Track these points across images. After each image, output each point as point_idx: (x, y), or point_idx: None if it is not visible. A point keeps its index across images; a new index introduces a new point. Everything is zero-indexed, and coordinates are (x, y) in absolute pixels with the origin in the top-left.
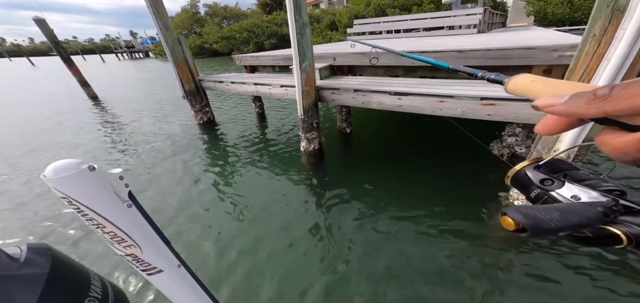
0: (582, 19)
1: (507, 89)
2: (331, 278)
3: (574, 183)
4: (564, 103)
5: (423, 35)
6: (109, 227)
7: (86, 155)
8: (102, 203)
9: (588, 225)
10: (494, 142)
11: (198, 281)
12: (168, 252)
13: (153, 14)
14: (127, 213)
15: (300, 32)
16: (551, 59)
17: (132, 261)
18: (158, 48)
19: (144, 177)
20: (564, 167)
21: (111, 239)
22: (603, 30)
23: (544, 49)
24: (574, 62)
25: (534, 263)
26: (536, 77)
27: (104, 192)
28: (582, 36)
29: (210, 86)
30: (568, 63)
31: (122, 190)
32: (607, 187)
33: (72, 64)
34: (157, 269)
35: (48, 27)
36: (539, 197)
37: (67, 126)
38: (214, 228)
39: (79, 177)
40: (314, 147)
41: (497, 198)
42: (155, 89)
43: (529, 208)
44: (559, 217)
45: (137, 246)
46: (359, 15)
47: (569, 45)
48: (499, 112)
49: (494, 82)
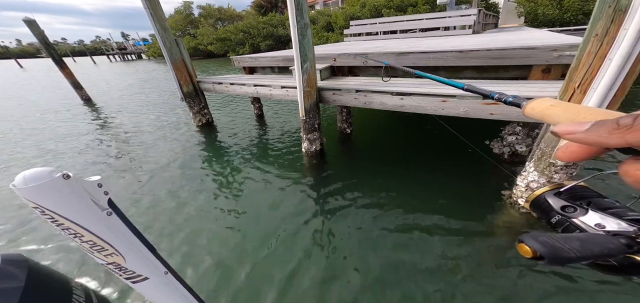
0: (570, 20)
1: (525, 112)
2: (335, 280)
3: (599, 211)
4: (586, 131)
5: (420, 36)
6: (87, 236)
7: (77, 161)
8: (79, 212)
9: (609, 256)
10: (494, 140)
11: (187, 287)
12: (154, 259)
13: (150, 15)
14: (107, 222)
15: (302, 33)
16: (551, 58)
17: (115, 269)
18: (151, 49)
19: (142, 181)
20: (587, 194)
21: (91, 248)
22: (605, 30)
23: (544, 49)
24: (576, 61)
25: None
26: (555, 101)
27: (80, 200)
28: (583, 36)
29: (209, 88)
30: (567, 62)
31: (101, 198)
32: (634, 217)
33: (64, 66)
34: (142, 277)
35: (38, 28)
36: (560, 224)
37: (59, 130)
38: (215, 232)
39: (51, 185)
40: (315, 148)
41: (499, 197)
42: (151, 90)
43: (547, 236)
44: (579, 247)
45: (119, 254)
46: (355, 17)
47: (567, 45)
48: (503, 112)
49: (512, 105)
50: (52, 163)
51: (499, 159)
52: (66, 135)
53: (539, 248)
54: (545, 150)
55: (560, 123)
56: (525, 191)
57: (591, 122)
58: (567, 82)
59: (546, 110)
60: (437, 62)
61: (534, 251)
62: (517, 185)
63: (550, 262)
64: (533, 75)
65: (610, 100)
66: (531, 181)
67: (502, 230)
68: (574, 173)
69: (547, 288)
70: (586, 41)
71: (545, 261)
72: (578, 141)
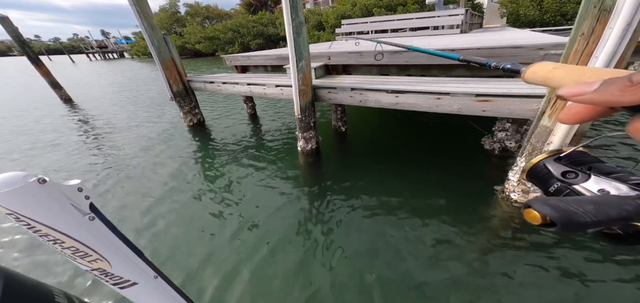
0: (550, 21)
1: (524, 77)
2: (331, 279)
3: (601, 176)
4: (595, 91)
5: (410, 35)
6: (69, 242)
7: (62, 168)
8: (58, 218)
9: (627, 219)
10: (485, 137)
11: (179, 291)
12: (142, 263)
13: (137, 13)
14: (89, 227)
15: (297, 31)
16: (537, 56)
17: (101, 275)
18: (134, 48)
19: (132, 184)
20: (587, 160)
21: (73, 255)
22: (591, 29)
23: (531, 48)
24: (563, 59)
25: (534, 260)
26: (557, 64)
27: (58, 206)
28: (570, 35)
29: (200, 87)
30: (553, 61)
31: (82, 203)
32: (637, 181)
33: (40, 64)
34: (130, 282)
35: (12, 25)
36: (560, 191)
37: (44, 135)
38: (212, 234)
39: (26, 191)
40: (311, 146)
41: (492, 192)
42: (138, 89)
43: (557, 199)
44: (593, 210)
45: (104, 260)
46: (346, 15)
47: (552, 44)
48: (494, 108)
49: (510, 72)
50: (36, 167)
51: (490, 155)
52: (52, 138)
53: (549, 213)
54: (536, 145)
55: (564, 85)
56: (517, 185)
57: (599, 81)
58: None
59: (549, 74)
60: (430, 60)
61: (544, 216)
62: (508, 180)
63: (563, 227)
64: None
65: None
66: None
67: (496, 224)
68: None
69: (541, 282)
70: (573, 40)
71: (558, 227)
72: (587, 102)
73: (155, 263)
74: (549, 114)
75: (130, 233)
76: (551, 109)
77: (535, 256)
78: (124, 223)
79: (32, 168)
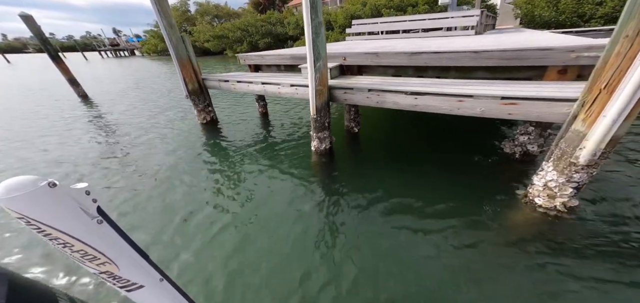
0: (566, 22)
1: None
2: (346, 281)
3: None
4: None
5: (423, 36)
6: (78, 246)
7: (76, 164)
8: (67, 222)
9: None
10: (506, 140)
11: (183, 294)
12: (148, 266)
13: (157, 11)
14: (97, 230)
15: (316, 32)
16: (568, 59)
17: (108, 278)
18: (145, 46)
19: (147, 180)
20: None
21: (82, 258)
22: (636, 31)
23: (561, 50)
24: (601, 62)
25: (556, 264)
26: None
27: (68, 209)
28: (611, 37)
29: (215, 85)
30: (585, 63)
31: (90, 206)
32: None
33: (60, 61)
34: (137, 285)
35: (35, 24)
36: None
37: (59, 131)
38: (228, 233)
39: (36, 195)
40: (325, 146)
41: (513, 196)
42: (151, 87)
43: None
44: None
45: (112, 263)
46: (355, 15)
47: (585, 46)
48: (521, 111)
49: None
50: (56, 168)
51: (510, 159)
52: (65, 136)
53: None
54: (566, 149)
55: None
56: (543, 190)
57: None
58: (591, 82)
59: None
60: (450, 62)
61: None
62: (533, 184)
63: None
64: (548, 75)
65: (638, 99)
66: (549, 180)
67: (519, 229)
68: (594, 173)
69: (571, 289)
70: (615, 42)
71: None
72: None
73: (164, 266)
74: (582, 118)
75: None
76: (585, 113)
77: (564, 261)
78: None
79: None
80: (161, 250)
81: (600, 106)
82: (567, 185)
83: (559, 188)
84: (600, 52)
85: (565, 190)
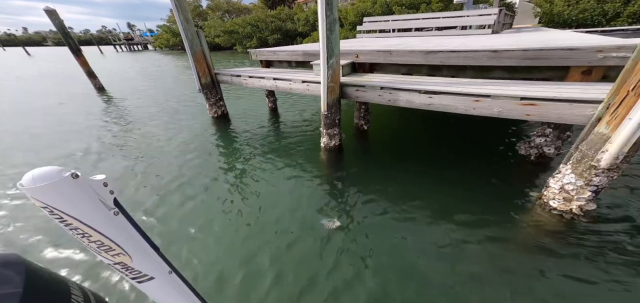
0: (587, 21)
1: None
2: (358, 282)
3: None
4: None
5: (437, 35)
6: (95, 236)
7: (90, 153)
8: (87, 212)
9: None
10: (521, 141)
11: (190, 287)
12: (158, 258)
13: (175, 5)
14: (114, 221)
15: (330, 29)
16: (594, 59)
17: (122, 269)
18: (158, 41)
19: (159, 172)
20: None
21: (98, 248)
22: None
23: (588, 50)
24: (631, 63)
25: (569, 269)
26: None
27: (88, 200)
28: None
29: (227, 80)
30: (613, 64)
31: (108, 198)
32: None
33: (80, 54)
34: (147, 277)
35: (58, 18)
36: None
37: (77, 121)
38: (235, 227)
39: (60, 185)
40: (334, 143)
41: (527, 198)
42: (163, 80)
43: None
44: None
45: (126, 254)
46: (366, 13)
47: (615, 46)
48: (541, 112)
49: None
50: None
51: (524, 161)
52: (81, 125)
53: None
54: (586, 152)
55: None
56: (559, 193)
57: None
58: (619, 83)
59: None
60: (467, 61)
61: None
62: (549, 186)
63: None
64: (571, 76)
65: None
66: (567, 183)
67: (534, 231)
68: (615, 177)
69: (589, 293)
70: None
71: None
72: None
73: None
74: (607, 120)
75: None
76: (610, 116)
77: (578, 265)
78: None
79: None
80: (172, 247)
81: (626, 108)
82: (585, 189)
83: (577, 192)
84: (631, 53)
85: (583, 194)
